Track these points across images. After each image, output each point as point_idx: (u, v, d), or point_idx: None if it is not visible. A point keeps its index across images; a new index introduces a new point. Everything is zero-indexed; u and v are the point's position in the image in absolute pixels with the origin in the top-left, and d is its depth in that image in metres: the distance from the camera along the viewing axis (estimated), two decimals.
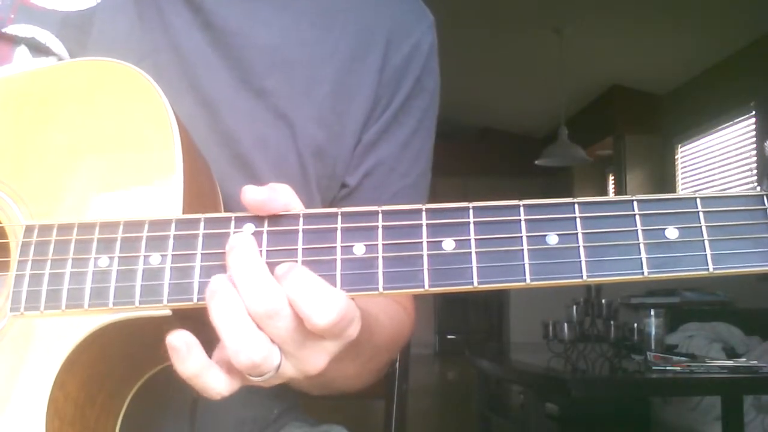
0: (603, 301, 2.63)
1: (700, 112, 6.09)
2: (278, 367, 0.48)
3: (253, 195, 0.49)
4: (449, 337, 8.42)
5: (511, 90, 7.26)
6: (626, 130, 6.91)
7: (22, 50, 0.71)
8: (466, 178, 8.20)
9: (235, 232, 0.50)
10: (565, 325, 2.59)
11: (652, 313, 2.63)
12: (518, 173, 8.24)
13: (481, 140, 8.91)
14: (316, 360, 0.49)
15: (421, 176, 0.83)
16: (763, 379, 2.28)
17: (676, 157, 6.61)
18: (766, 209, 0.46)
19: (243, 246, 0.48)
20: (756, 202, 0.46)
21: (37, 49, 0.71)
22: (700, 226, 0.46)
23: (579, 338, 2.59)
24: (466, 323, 8.24)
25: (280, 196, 0.50)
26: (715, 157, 6.00)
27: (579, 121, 7.12)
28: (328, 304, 0.45)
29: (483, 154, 8.77)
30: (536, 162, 6.38)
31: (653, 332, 2.60)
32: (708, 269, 0.45)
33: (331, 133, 0.76)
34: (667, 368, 2.30)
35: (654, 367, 2.32)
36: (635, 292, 3.83)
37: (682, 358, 2.44)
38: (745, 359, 2.56)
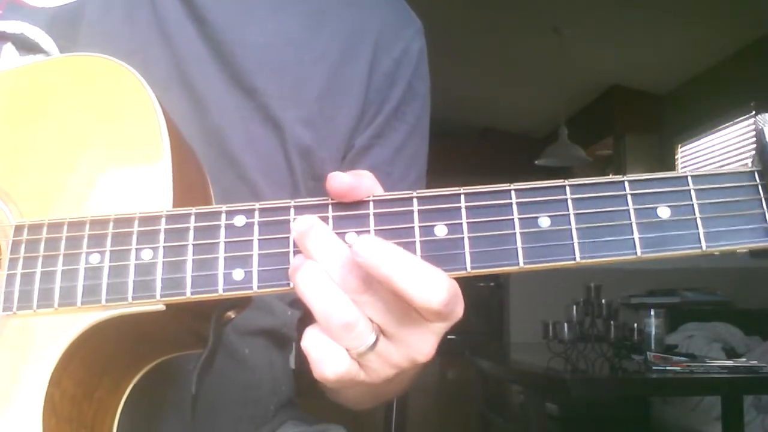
0: (603, 301, 2.62)
1: (700, 112, 6.09)
2: (376, 341, 0.47)
3: (340, 182, 0.48)
4: (449, 337, 8.34)
5: (511, 90, 7.26)
6: (626, 130, 6.91)
7: (8, 48, 0.71)
8: (466, 178, 8.14)
9: (227, 224, 0.50)
10: (565, 325, 2.57)
11: (652, 313, 2.62)
12: (518, 173, 8.10)
13: (481, 140, 8.91)
14: (423, 343, 0.48)
15: (416, 182, 0.82)
16: (763, 379, 2.27)
17: (676, 157, 6.61)
18: (757, 185, 0.45)
19: (318, 227, 0.47)
20: (748, 178, 0.46)
21: (26, 46, 0.70)
22: (692, 204, 0.46)
23: (579, 338, 2.58)
24: (466, 323, 8.16)
25: (365, 181, 0.49)
26: (715, 157, 6.00)
27: (579, 121, 7.13)
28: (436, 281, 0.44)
29: (483, 154, 8.76)
30: (536, 162, 6.38)
31: (653, 332, 2.59)
32: (701, 247, 0.45)
33: (319, 134, 0.76)
34: (667, 368, 2.29)
35: (654, 367, 2.31)
36: (635, 292, 3.83)
37: (682, 358, 2.43)
38: (745, 359, 2.56)
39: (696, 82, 6.21)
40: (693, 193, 0.46)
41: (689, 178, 0.46)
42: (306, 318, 0.82)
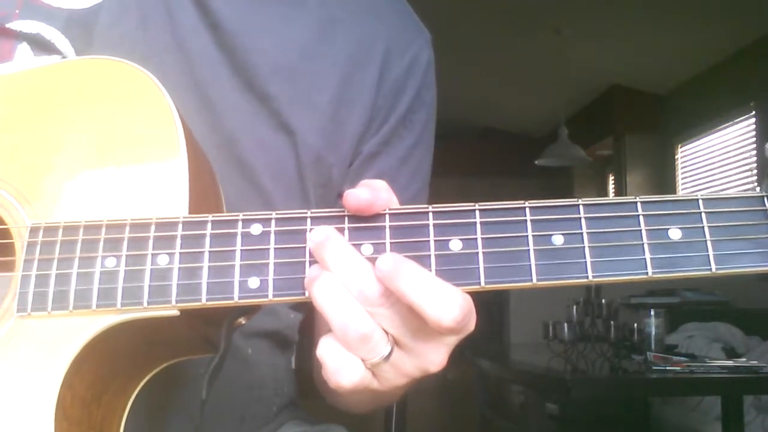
0: (603, 301, 2.63)
1: (700, 112, 6.09)
2: (390, 352, 0.48)
3: (356, 199, 0.48)
4: None
5: (511, 90, 7.26)
6: (626, 130, 6.90)
7: (23, 48, 0.71)
8: (466, 178, 8.20)
9: (243, 232, 0.50)
10: (565, 325, 2.58)
11: (652, 313, 2.63)
12: (518, 173, 8.24)
13: (481, 140, 8.90)
14: (436, 354, 0.49)
15: (419, 192, 0.83)
16: (763, 379, 2.28)
17: (676, 157, 6.61)
18: (766, 210, 0.47)
19: (335, 239, 0.48)
20: (756, 203, 0.47)
21: (41, 46, 0.70)
22: (703, 227, 0.47)
23: (579, 338, 2.59)
24: None
25: (381, 194, 0.49)
26: (715, 157, 6.00)
27: (579, 121, 7.12)
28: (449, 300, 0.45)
29: (483, 154, 8.76)
30: (536, 162, 6.38)
31: (653, 332, 2.60)
32: (711, 269, 0.46)
33: (329, 141, 0.76)
34: (667, 368, 2.30)
35: (654, 367, 2.31)
36: (635, 292, 3.83)
37: (682, 358, 2.44)
38: (745, 359, 2.56)
39: (696, 82, 6.21)
40: (704, 216, 0.47)
41: (700, 201, 0.47)
42: (307, 321, 0.82)
